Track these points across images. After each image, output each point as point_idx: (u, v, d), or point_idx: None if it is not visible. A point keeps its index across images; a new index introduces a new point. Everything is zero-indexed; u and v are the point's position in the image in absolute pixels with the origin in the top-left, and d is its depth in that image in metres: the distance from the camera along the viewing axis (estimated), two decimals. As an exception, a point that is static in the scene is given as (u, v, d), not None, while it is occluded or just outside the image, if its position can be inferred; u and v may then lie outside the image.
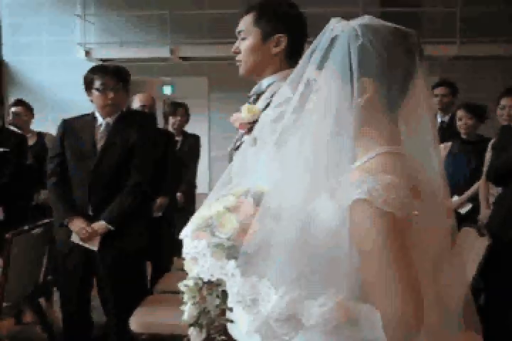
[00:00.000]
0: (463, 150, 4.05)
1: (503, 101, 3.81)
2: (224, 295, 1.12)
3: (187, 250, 1.13)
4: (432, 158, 1.15)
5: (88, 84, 2.99)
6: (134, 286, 3.02)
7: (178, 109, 4.70)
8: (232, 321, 1.15)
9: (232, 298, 1.06)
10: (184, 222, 1.20)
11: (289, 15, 1.78)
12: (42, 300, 3.71)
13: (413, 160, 1.11)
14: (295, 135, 1.11)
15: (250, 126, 1.64)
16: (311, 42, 1.18)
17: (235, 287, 1.06)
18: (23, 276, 3.07)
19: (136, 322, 2.75)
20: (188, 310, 1.16)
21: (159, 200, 3.90)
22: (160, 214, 3.95)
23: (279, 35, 1.75)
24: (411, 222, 1.02)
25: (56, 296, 3.56)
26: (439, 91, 4.62)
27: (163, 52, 9.00)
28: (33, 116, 4.89)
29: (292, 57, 1.76)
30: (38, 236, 3.10)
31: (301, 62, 1.16)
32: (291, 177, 1.11)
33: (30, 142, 4.51)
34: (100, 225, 2.90)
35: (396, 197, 0.98)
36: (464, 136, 4.08)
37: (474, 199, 3.95)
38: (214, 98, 10.18)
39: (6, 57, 8.62)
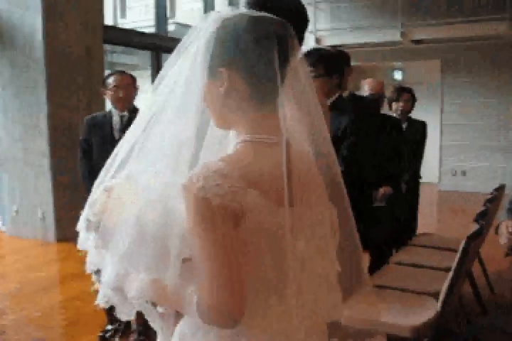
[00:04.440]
0: None
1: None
2: None
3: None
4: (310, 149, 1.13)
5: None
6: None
7: (402, 94, 4.49)
8: None
9: (88, 266, 1.19)
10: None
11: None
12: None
13: (296, 150, 1.10)
14: (161, 119, 1.15)
15: None
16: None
17: (90, 257, 1.19)
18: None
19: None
20: None
21: (383, 189, 3.71)
22: (383, 203, 3.76)
23: None
24: (247, 212, 1.00)
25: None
26: None
27: (394, 36, 8.78)
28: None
29: None
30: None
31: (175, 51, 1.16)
32: (153, 159, 1.15)
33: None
34: None
35: (217, 185, 0.98)
36: None
37: None
38: (447, 82, 9.62)
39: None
